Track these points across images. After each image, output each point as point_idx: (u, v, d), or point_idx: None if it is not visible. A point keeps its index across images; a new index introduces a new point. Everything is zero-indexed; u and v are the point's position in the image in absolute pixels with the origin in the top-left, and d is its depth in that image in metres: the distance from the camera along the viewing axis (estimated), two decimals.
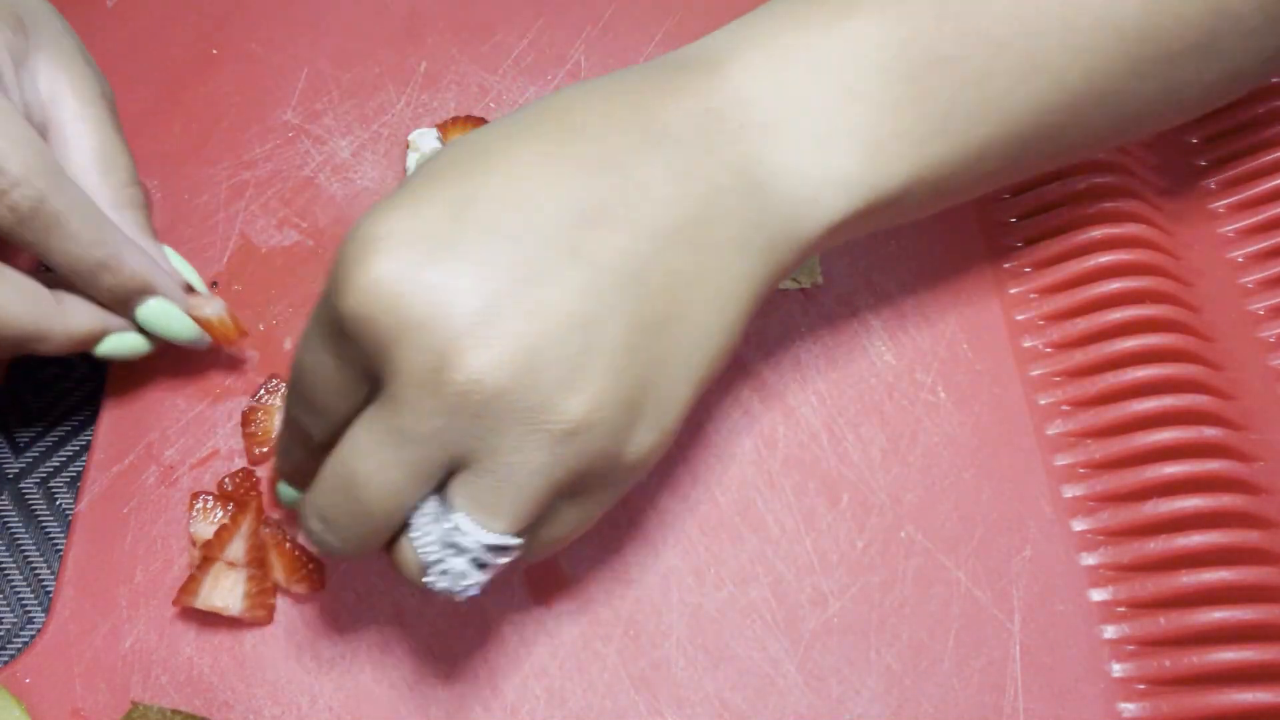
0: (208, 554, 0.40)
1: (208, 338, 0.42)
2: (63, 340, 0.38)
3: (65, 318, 0.37)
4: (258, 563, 0.40)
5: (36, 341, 0.37)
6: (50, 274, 0.39)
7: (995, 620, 0.40)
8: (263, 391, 0.44)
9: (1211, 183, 0.50)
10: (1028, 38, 0.33)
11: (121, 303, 0.39)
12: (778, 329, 0.46)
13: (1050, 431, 0.44)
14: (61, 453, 0.45)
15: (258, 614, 0.40)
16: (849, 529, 0.42)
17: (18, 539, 0.43)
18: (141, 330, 0.41)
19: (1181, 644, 0.39)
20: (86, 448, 0.45)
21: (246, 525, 0.41)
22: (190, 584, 0.40)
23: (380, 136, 0.52)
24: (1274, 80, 0.51)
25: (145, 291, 0.39)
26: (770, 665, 0.40)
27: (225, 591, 0.40)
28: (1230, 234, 0.49)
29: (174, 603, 0.40)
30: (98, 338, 0.39)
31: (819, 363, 0.46)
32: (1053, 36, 0.33)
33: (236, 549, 0.40)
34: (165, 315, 0.40)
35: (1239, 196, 0.49)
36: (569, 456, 0.28)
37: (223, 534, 0.40)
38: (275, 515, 0.43)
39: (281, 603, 0.41)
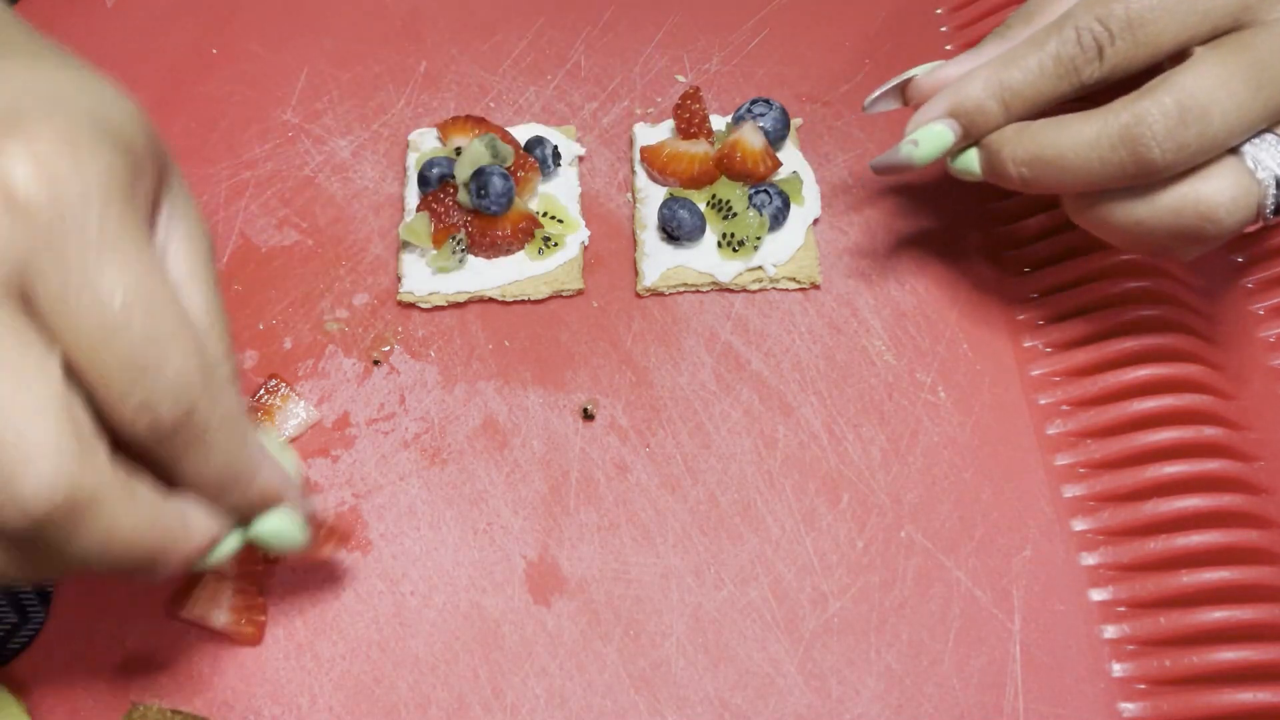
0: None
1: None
2: (176, 566, 0.30)
3: (187, 541, 0.30)
4: (248, 577, 0.40)
5: (147, 571, 0.29)
6: None
7: (995, 620, 0.40)
8: (262, 391, 0.44)
9: None
10: None
11: (240, 515, 0.32)
12: (778, 329, 0.46)
13: (1050, 431, 0.44)
14: None
15: (244, 629, 0.40)
16: (849, 529, 0.42)
17: None
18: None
19: (1181, 644, 0.39)
20: None
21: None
22: (180, 593, 0.40)
23: (380, 136, 0.52)
24: None
25: (270, 505, 0.33)
26: (770, 665, 0.40)
27: (210, 603, 0.40)
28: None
29: (167, 615, 0.40)
30: (211, 548, 0.32)
31: (819, 363, 0.46)
32: None
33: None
34: (285, 528, 0.33)
35: None
36: None
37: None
38: None
39: (281, 604, 0.41)
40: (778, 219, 0.47)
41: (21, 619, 0.42)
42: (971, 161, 0.40)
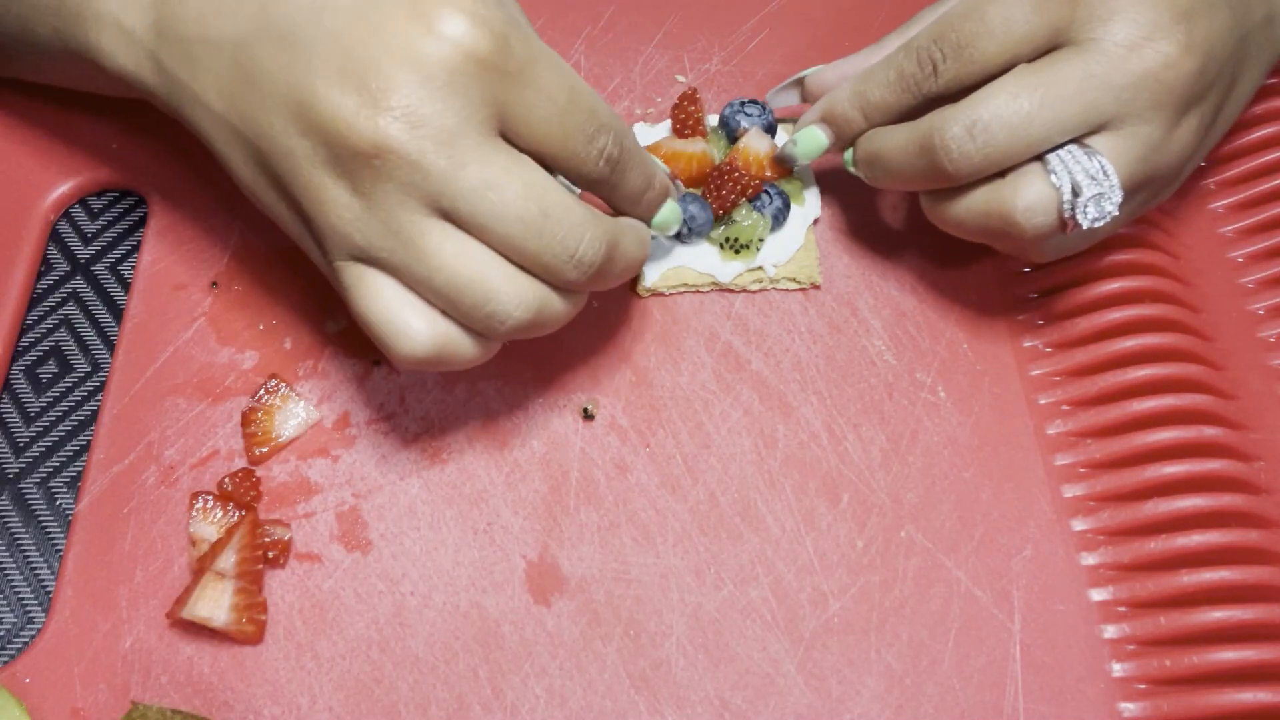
0: (201, 565, 0.40)
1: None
2: (640, 265, 0.41)
3: (646, 247, 0.41)
4: (249, 576, 0.40)
5: (634, 272, 0.41)
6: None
7: (995, 620, 0.40)
8: (262, 391, 0.45)
9: (1211, 183, 0.50)
10: None
11: (648, 211, 0.41)
12: (778, 329, 0.46)
13: (1050, 431, 0.44)
14: (61, 453, 0.45)
15: (245, 629, 0.40)
16: (849, 529, 0.42)
17: (18, 539, 0.43)
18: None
19: (1181, 644, 0.39)
20: (86, 448, 0.45)
21: (239, 538, 0.41)
22: (184, 594, 0.40)
23: None
24: (1272, 80, 0.51)
25: (666, 197, 0.42)
26: (770, 665, 0.40)
27: (211, 603, 0.40)
28: (1230, 234, 0.49)
29: (168, 615, 0.40)
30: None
31: (819, 363, 0.46)
32: None
33: (227, 560, 0.40)
34: (674, 213, 0.42)
35: (1239, 196, 0.49)
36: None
37: (216, 546, 0.41)
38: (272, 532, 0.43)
39: (281, 604, 0.41)
40: (778, 219, 0.47)
41: (22, 619, 0.42)
42: (849, 159, 0.44)
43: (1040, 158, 0.38)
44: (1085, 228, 0.37)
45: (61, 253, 0.50)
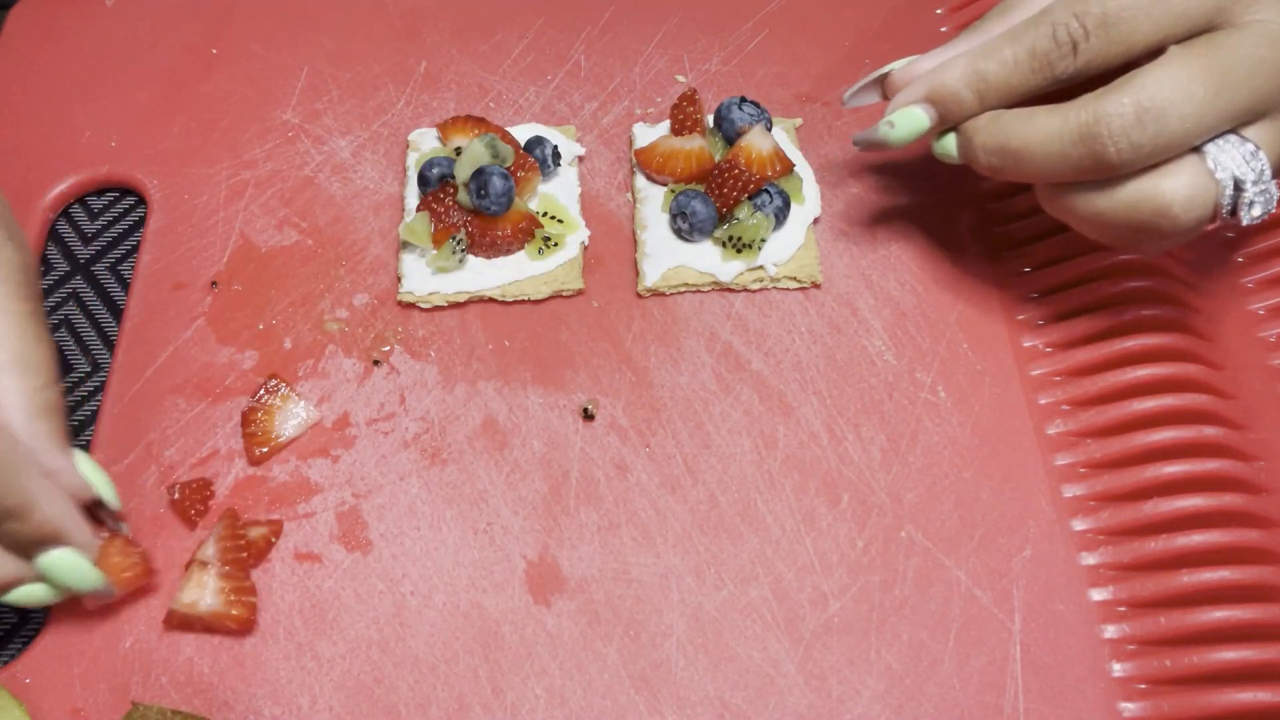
0: (188, 561, 0.41)
1: (113, 588, 0.39)
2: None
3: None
4: (233, 564, 0.40)
5: None
6: None
7: (995, 620, 0.40)
8: (262, 391, 0.44)
9: None
10: None
11: (23, 550, 0.37)
12: (778, 329, 0.46)
13: (1050, 431, 0.44)
14: None
15: (235, 613, 0.40)
16: (849, 529, 0.42)
17: None
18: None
19: (1181, 644, 0.39)
20: (86, 448, 0.45)
21: (218, 530, 0.41)
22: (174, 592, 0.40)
23: (380, 136, 0.52)
24: None
25: (52, 541, 0.37)
26: (770, 665, 0.40)
27: (197, 589, 0.40)
28: (1230, 234, 0.49)
29: (165, 620, 0.40)
30: (9, 587, 0.37)
31: (819, 363, 0.46)
32: None
33: (208, 551, 0.40)
34: (69, 566, 0.37)
35: None
36: None
37: (197, 543, 0.41)
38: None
39: (280, 604, 0.41)
40: (779, 218, 0.47)
41: (21, 619, 0.42)
42: (950, 146, 0.41)
43: (1197, 148, 0.35)
44: (1245, 223, 0.35)
45: (61, 252, 0.50)
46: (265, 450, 0.44)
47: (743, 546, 0.42)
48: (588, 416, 0.44)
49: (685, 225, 0.46)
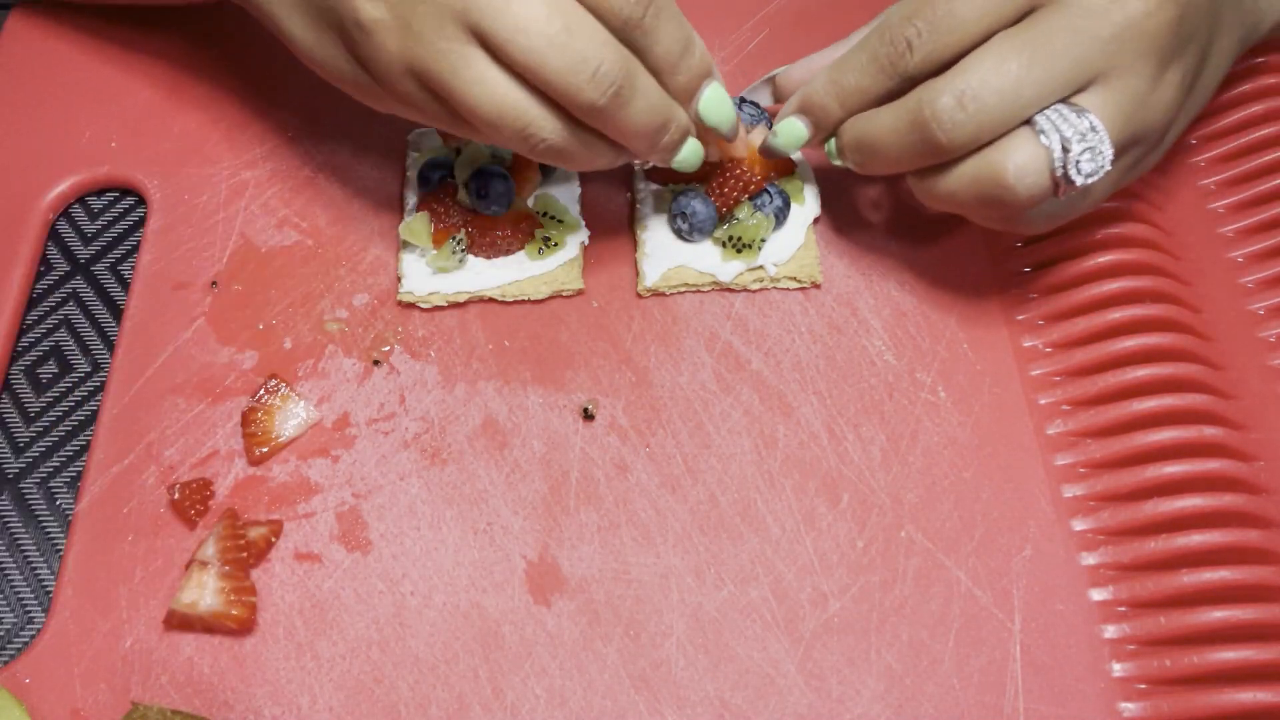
0: (187, 565, 0.41)
1: (739, 130, 0.44)
2: (672, 141, 0.41)
3: (677, 118, 0.41)
4: (233, 564, 0.40)
5: (660, 136, 0.40)
6: None
7: (995, 620, 0.40)
8: (262, 391, 0.44)
9: (1211, 183, 0.50)
10: None
11: (687, 87, 0.41)
12: (778, 329, 0.46)
13: (1050, 431, 0.44)
14: (61, 453, 0.45)
15: (235, 613, 0.40)
16: (849, 529, 0.42)
17: (18, 539, 0.43)
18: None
19: (1181, 644, 0.39)
20: (86, 448, 0.45)
21: (218, 530, 0.41)
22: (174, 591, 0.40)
23: (380, 136, 0.52)
24: (1270, 80, 0.51)
25: (709, 74, 0.41)
26: (770, 665, 0.40)
27: (196, 589, 0.40)
28: (1230, 234, 0.49)
29: (165, 621, 0.40)
30: (684, 136, 0.42)
31: (819, 363, 0.46)
32: None
33: (207, 551, 0.41)
34: (721, 98, 0.42)
35: (1239, 196, 0.49)
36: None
37: (197, 543, 0.41)
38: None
39: (280, 604, 0.41)
40: (779, 218, 0.47)
41: (22, 619, 0.42)
42: (832, 149, 0.44)
43: (1028, 121, 0.37)
44: (1080, 184, 0.37)
45: (61, 253, 0.50)
46: (265, 450, 0.44)
47: (743, 546, 0.42)
48: (588, 416, 0.44)
49: (685, 225, 0.46)
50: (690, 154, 0.42)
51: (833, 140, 0.43)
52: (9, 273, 0.48)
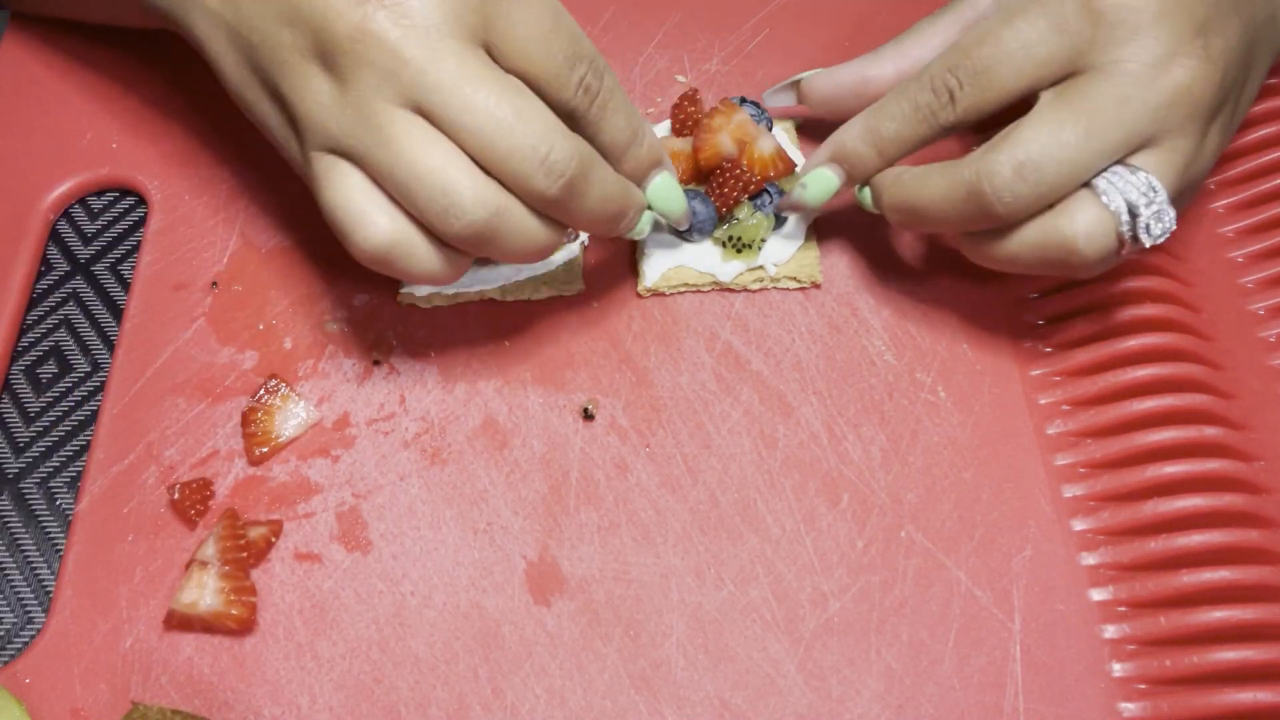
0: (187, 561, 0.41)
1: (686, 220, 0.44)
2: (627, 224, 0.41)
3: (634, 199, 0.41)
4: (233, 564, 0.40)
5: (616, 223, 0.40)
6: None
7: (995, 620, 0.40)
8: (262, 391, 0.45)
9: (1211, 183, 0.50)
10: None
11: (637, 170, 0.41)
12: (778, 329, 0.46)
13: (1050, 431, 0.44)
14: (61, 453, 0.45)
15: (235, 613, 0.40)
16: (849, 529, 0.42)
17: (18, 539, 0.43)
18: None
19: (1181, 644, 0.39)
20: (86, 448, 0.45)
21: (218, 530, 0.41)
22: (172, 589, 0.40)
23: None
24: (1271, 81, 0.51)
25: (659, 164, 0.42)
26: (770, 665, 0.40)
27: (197, 589, 0.40)
28: (1230, 234, 0.49)
29: (165, 621, 0.40)
30: (640, 213, 0.42)
31: (819, 363, 0.46)
32: None
33: (208, 551, 0.41)
34: (671, 186, 0.42)
35: (1239, 196, 0.49)
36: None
37: (197, 542, 0.41)
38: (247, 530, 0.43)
39: (280, 604, 0.41)
40: (779, 218, 0.47)
41: (22, 619, 0.42)
42: (867, 198, 0.43)
43: (1088, 183, 0.37)
44: (1148, 245, 0.37)
45: (61, 253, 0.50)
46: (265, 450, 0.44)
47: (743, 546, 0.42)
48: (588, 416, 0.44)
49: (686, 226, 0.46)
50: (646, 225, 0.42)
51: (865, 189, 0.43)
52: (9, 273, 0.48)
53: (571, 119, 0.38)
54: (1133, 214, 0.37)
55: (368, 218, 0.36)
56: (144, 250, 0.49)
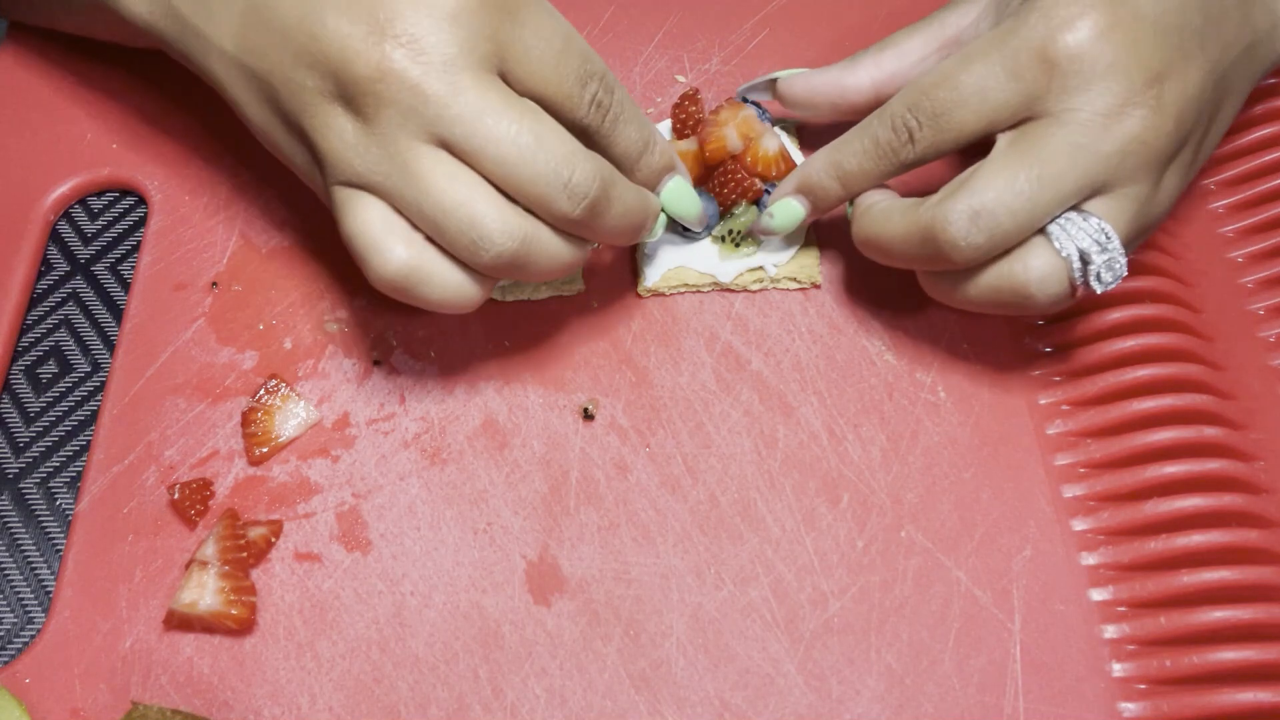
0: (187, 561, 0.41)
1: (700, 224, 0.45)
2: (645, 231, 0.42)
3: (651, 208, 0.42)
4: (233, 564, 0.40)
5: (637, 235, 0.41)
6: None
7: (995, 620, 0.40)
8: (263, 391, 0.45)
9: (1211, 183, 0.50)
10: None
11: (650, 176, 0.42)
12: (778, 329, 0.46)
13: (1050, 431, 0.44)
14: (61, 453, 0.45)
15: (235, 613, 0.40)
16: (849, 529, 0.42)
17: (18, 539, 0.43)
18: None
19: (1181, 644, 0.39)
20: (86, 448, 0.45)
21: (218, 530, 0.41)
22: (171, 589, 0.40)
23: None
24: (1271, 81, 0.51)
25: (671, 169, 0.42)
26: (770, 665, 0.40)
27: (197, 588, 0.40)
28: (1230, 234, 0.49)
29: (165, 621, 0.40)
30: (654, 221, 0.43)
31: (819, 363, 0.46)
32: None
33: (208, 550, 0.41)
34: (684, 190, 0.43)
35: (1239, 196, 0.49)
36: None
37: (196, 542, 0.41)
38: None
39: (280, 604, 0.41)
40: None
41: (22, 619, 0.42)
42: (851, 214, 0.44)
43: (1042, 229, 0.38)
44: (1100, 292, 0.37)
45: (61, 253, 0.50)
46: (265, 450, 0.44)
47: (743, 546, 0.42)
48: (588, 416, 0.44)
49: (701, 227, 0.46)
50: (660, 228, 0.43)
51: (850, 206, 0.44)
52: (10, 273, 0.48)
53: (585, 135, 0.38)
54: (1084, 260, 0.37)
55: (386, 245, 0.36)
56: (144, 250, 0.49)
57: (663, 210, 0.43)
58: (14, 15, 0.53)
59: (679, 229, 0.47)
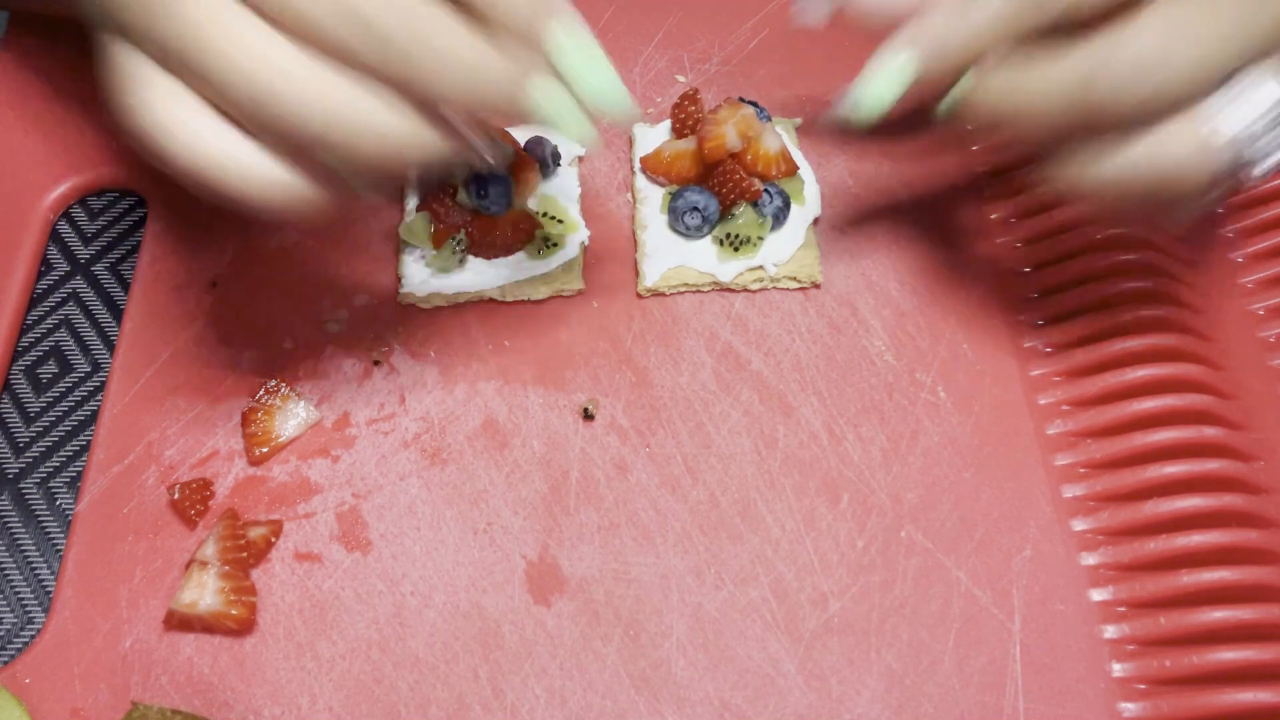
0: (187, 561, 0.41)
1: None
2: (521, 85, 0.33)
3: (514, 58, 0.33)
4: (233, 564, 0.40)
5: (491, 88, 0.32)
6: None
7: (995, 620, 0.40)
8: (262, 392, 0.45)
9: None
10: None
11: (521, 27, 0.32)
12: (778, 329, 0.46)
13: (1050, 431, 0.44)
14: (61, 453, 0.45)
15: (235, 613, 0.40)
16: (849, 529, 0.42)
17: (18, 539, 0.43)
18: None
19: (1181, 644, 0.39)
20: (86, 448, 0.45)
21: (218, 530, 0.41)
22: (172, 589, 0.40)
23: None
24: None
25: (552, 13, 0.33)
26: (770, 665, 0.40)
27: (197, 588, 0.40)
28: (1230, 234, 0.49)
29: (165, 621, 0.40)
30: (524, 84, 0.33)
31: (819, 363, 0.46)
32: None
33: (208, 550, 0.41)
34: (579, 46, 0.33)
35: (1239, 197, 0.49)
36: None
37: (197, 542, 0.41)
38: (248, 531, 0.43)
39: (280, 604, 0.41)
40: (778, 218, 0.47)
41: (22, 619, 0.42)
42: (950, 104, 0.37)
43: (1209, 95, 0.32)
44: (1256, 177, 0.33)
45: (61, 253, 0.50)
46: (265, 450, 0.44)
47: (743, 546, 0.42)
48: (588, 416, 0.44)
49: (695, 220, 0.46)
50: (566, 112, 0.34)
51: (948, 97, 0.37)
52: (10, 273, 0.48)
53: None
54: (1251, 137, 0.32)
55: (187, 127, 0.31)
56: (144, 250, 0.49)
57: (568, 88, 0.34)
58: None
59: (679, 229, 0.47)
